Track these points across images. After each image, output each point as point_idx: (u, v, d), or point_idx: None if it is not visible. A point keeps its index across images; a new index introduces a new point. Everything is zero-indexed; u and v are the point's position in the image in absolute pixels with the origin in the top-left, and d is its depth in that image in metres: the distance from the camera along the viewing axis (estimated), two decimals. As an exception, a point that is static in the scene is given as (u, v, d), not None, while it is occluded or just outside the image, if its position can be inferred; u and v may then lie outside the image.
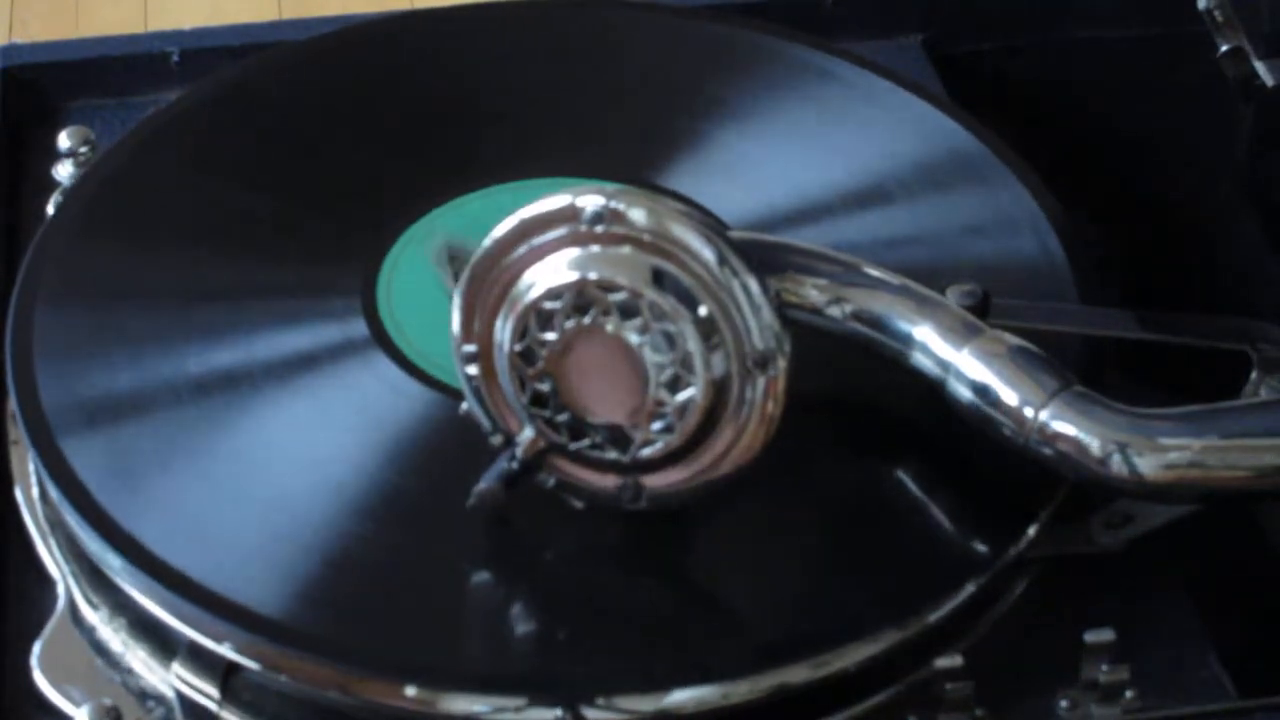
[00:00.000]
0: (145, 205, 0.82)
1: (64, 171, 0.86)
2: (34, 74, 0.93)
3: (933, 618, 0.68)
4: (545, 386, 0.67)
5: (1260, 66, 0.85)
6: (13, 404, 0.74)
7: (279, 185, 0.82)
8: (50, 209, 0.83)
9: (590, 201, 0.65)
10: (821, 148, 0.84)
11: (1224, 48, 0.86)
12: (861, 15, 0.96)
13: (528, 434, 0.68)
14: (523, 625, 0.68)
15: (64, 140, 0.87)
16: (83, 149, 0.86)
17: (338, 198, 0.82)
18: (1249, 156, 0.87)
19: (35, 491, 0.75)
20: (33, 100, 0.93)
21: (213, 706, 0.68)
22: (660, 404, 0.66)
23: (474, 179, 0.82)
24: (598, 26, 0.90)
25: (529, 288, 0.66)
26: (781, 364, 0.65)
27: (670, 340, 0.65)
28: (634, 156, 0.84)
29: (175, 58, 0.93)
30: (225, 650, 0.67)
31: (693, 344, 0.65)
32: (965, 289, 0.71)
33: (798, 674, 0.66)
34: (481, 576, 0.69)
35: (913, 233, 0.81)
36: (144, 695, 0.70)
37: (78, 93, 0.93)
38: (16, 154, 0.90)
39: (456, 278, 0.68)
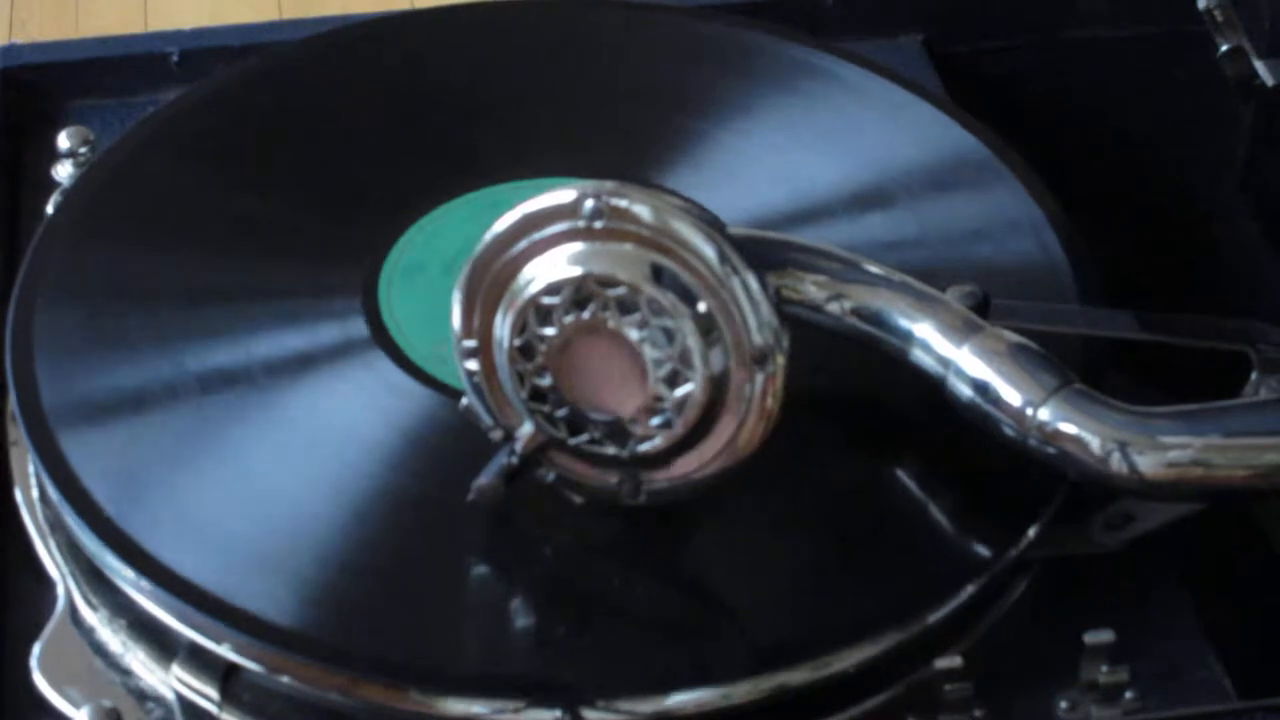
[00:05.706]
0: (145, 205, 0.82)
1: (64, 172, 0.86)
2: (34, 74, 0.93)
3: (932, 618, 0.68)
4: (544, 381, 0.67)
5: (1260, 66, 0.85)
6: (13, 404, 0.74)
7: (279, 185, 0.82)
8: (50, 209, 0.83)
9: (591, 197, 0.65)
10: (821, 148, 0.84)
11: (1224, 48, 0.86)
12: (861, 15, 0.96)
13: (527, 429, 0.68)
14: (522, 626, 0.68)
15: (64, 140, 0.87)
16: (83, 149, 0.86)
17: (338, 198, 0.82)
18: (1249, 156, 0.88)
19: (35, 492, 0.75)
20: (33, 100, 0.93)
21: (212, 708, 0.68)
22: (659, 399, 0.66)
23: (473, 179, 0.82)
24: (596, 26, 0.90)
25: (529, 283, 0.66)
26: (780, 360, 0.65)
27: (669, 336, 0.65)
28: (633, 157, 0.84)
29: (175, 58, 0.93)
30: (225, 651, 0.67)
31: (691, 340, 0.65)
32: (965, 289, 0.71)
33: (798, 675, 0.66)
34: (481, 577, 0.69)
35: (913, 233, 0.80)
36: (144, 696, 0.70)
37: (78, 93, 0.93)
38: (16, 154, 0.90)
39: None
